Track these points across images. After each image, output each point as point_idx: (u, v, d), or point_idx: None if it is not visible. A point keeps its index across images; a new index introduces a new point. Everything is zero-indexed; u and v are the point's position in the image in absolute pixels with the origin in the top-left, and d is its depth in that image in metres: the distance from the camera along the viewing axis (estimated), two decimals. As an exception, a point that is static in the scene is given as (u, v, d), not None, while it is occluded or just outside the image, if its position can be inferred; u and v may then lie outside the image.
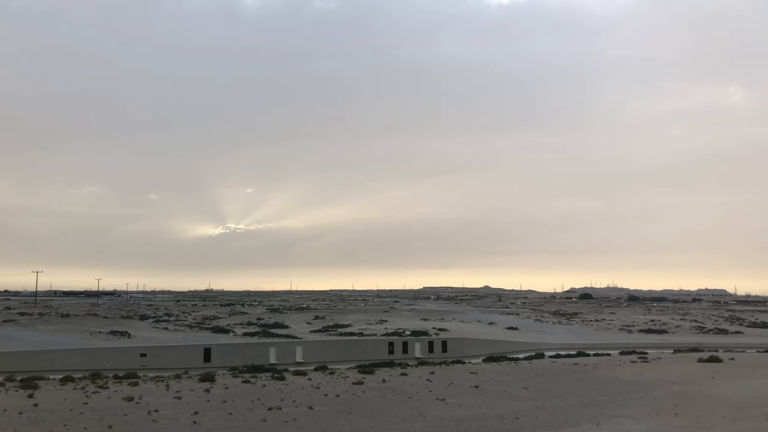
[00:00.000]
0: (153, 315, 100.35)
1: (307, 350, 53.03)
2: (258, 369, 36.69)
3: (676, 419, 22.05)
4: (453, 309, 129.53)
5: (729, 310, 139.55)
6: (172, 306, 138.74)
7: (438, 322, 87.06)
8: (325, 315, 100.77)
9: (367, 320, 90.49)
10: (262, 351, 51.30)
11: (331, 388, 28.49)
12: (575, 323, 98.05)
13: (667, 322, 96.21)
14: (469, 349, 58.51)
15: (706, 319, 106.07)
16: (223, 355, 49.85)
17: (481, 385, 30.24)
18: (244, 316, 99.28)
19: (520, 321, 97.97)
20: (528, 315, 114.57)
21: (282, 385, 29.36)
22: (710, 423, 21.06)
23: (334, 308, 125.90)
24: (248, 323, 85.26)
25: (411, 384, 30.40)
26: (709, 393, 27.87)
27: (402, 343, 57.89)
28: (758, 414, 22.44)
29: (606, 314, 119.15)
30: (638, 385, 30.58)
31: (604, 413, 23.38)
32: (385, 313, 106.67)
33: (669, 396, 27.26)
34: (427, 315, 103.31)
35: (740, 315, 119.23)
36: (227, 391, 27.28)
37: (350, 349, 55.63)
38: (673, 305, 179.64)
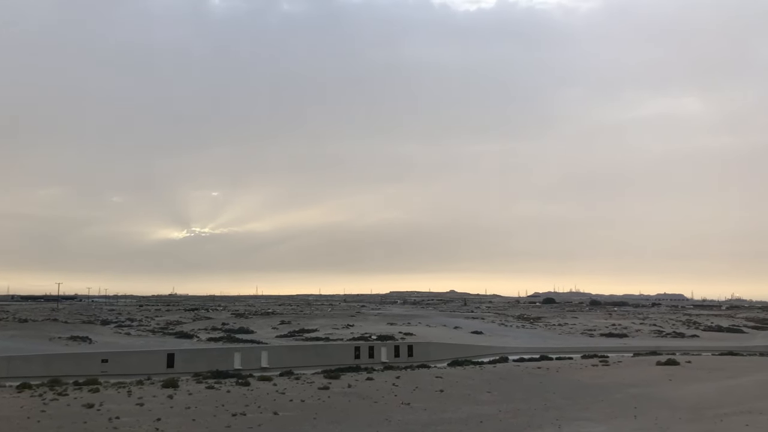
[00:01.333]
0: (115, 320, 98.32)
1: (273, 355, 52.63)
2: (222, 375, 36.29)
3: (635, 421, 22.59)
4: (419, 313, 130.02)
5: (686, 315, 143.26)
6: (135, 311, 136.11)
7: (404, 327, 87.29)
8: (291, 320, 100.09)
9: (333, 325, 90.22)
10: (227, 356, 50.74)
11: (297, 394, 28.37)
12: (539, 327, 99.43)
13: (628, 326, 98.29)
14: (435, 353, 58.85)
15: (665, 323, 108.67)
16: (186, 360, 49.15)
17: (446, 389, 30.48)
18: (208, 321, 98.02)
19: (484, 325, 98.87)
20: (493, 319, 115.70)
21: (247, 391, 29.12)
22: (667, 425, 21.63)
23: (301, 313, 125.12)
24: (213, 328, 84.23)
25: (377, 388, 30.47)
26: (666, 395, 28.60)
27: (368, 347, 57.91)
28: (713, 416, 23.11)
29: (569, 318, 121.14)
30: (599, 388, 31.21)
31: (566, 416, 23.82)
32: (352, 318, 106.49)
33: (628, 398, 27.89)
34: (394, 319, 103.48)
35: (697, 319, 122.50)
36: (191, 397, 26.95)
37: (316, 354, 55.43)
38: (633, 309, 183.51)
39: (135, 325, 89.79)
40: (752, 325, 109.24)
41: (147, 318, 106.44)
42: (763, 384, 30.95)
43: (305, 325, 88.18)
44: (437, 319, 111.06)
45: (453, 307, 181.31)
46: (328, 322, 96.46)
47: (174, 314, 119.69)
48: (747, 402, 25.63)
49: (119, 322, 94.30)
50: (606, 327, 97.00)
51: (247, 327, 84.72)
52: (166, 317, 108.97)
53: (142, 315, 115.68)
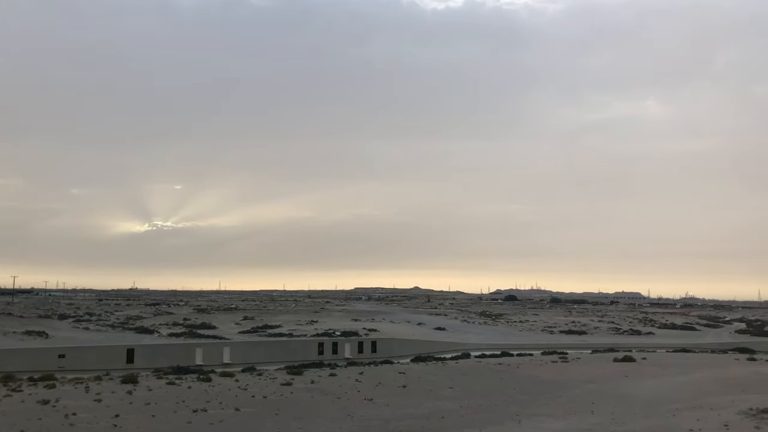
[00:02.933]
0: (73, 314, 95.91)
1: (235, 351, 52.19)
2: (183, 370, 35.87)
3: (592, 416, 23.15)
4: (383, 310, 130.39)
5: (643, 313, 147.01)
6: (94, 305, 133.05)
7: (368, 323, 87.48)
8: (255, 315, 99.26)
9: (297, 321, 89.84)
10: (188, 352, 50.14)
11: (259, 390, 28.25)
12: (500, 324, 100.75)
13: (587, 324, 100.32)
14: (398, 350, 59.17)
15: (622, 321, 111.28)
16: (147, 356, 48.39)
17: (408, 385, 30.72)
18: (169, 317, 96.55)
19: (447, 322, 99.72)
20: (455, 316, 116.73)
21: (208, 387, 28.87)
22: (623, 419, 22.23)
23: (264, 309, 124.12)
24: (174, 323, 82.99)
25: (340, 384, 30.54)
26: (622, 391, 29.38)
27: (332, 343, 57.88)
28: (666, 410, 23.84)
29: (529, 315, 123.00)
30: (558, 384, 31.85)
31: (526, 412, 24.29)
32: (316, 314, 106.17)
33: (586, 394, 28.56)
34: (358, 315, 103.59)
35: (652, 317, 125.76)
36: (151, 393, 26.60)
37: (279, 349, 55.16)
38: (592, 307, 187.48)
39: (94, 319, 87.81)
40: (704, 323, 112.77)
41: (106, 312, 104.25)
42: (713, 380, 32.02)
43: (269, 321, 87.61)
44: (401, 315, 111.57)
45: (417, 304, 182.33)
46: (292, 318, 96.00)
47: (134, 309, 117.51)
48: (698, 397, 26.50)
49: (77, 316, 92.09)
50: (566, 324, 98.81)
51: (209, 322, 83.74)
52: (126, 312, 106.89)
53: (101, 309, 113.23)
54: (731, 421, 20.78)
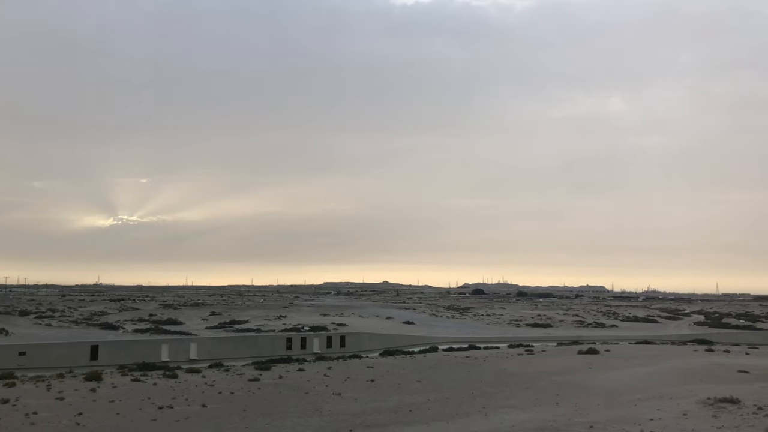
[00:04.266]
0: (35, 311, 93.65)
1: (202, 347, 51.67)
2: (149, 367, 35.38)
3: (557, 408, 23.56)
4: (352, 304, 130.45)
5: (606, 306, 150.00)
6: (57, 301, 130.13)
7: (337, 317, 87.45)
8: (222, 311, 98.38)
9: (265, 316, 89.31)
10: (154, 348, 49.47)
11: (226, 385, 28.05)
12: (468, 318, 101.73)
13: (552, 317, 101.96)
14: (367, 344, 59.34)
15: (586, 314, 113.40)
16: (111, 352, 47.60)
17: (376, 379, 30.84)
18: (135, 312, 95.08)
19: (416, 315, 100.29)
20: (424, 310, 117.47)
21: (174, 383, 28.55)
22: (586, 411, 22.69)
23: (232, 304, 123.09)
24: (140, 319, 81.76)
25: (308, 379, 30.51)
26: (586, 383, 29.93)
27: (300, 338, 57.74)
28: (628, 401, 24.41)
29: (496, 309, 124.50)
30: (524, 377, 32.31)
31: (492, 404, 24.60)
32: (285, 309, 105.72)
33: (551, 386, 29.02)
34: (327, 310, 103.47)
35: (616, 310, 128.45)
36: (115, 390, 26.19)
37: (247, 345, 54.81)
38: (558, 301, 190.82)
39: (57, 316, 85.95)
40: (665, 316, 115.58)
41: (70, 309, 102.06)
42: (673, 371, 32.85)
43: (236, 317, 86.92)
44: (370, 309, 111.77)
45: (386, 298, 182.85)
46: (260, 313, 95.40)
47: (99, 305, 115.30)
48: (659, 388, 27.18)
49: (39, 312, 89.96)
50: (532, 317, 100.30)
51: (175, 318, 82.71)
52: (90, 308, 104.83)
53: (64, 305, 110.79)
54: (690, 410, 21.39)
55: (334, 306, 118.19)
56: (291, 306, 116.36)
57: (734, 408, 21.00)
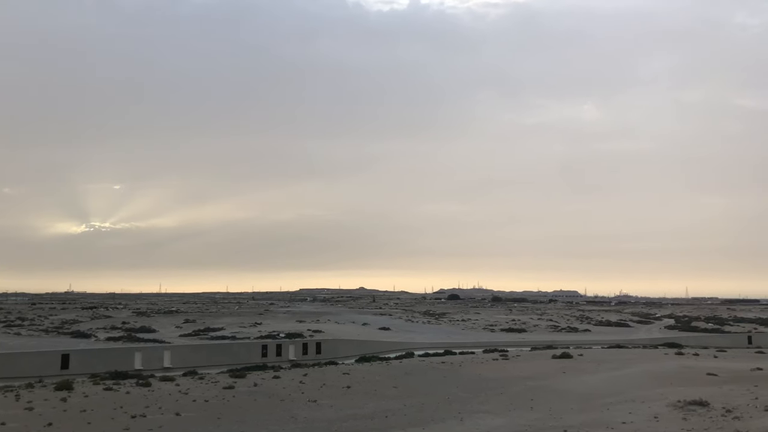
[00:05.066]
0: (3, 319, 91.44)
1: (176, 355, 51.03)
2: (122, 375, 34.84)
3: (531, 412, 23.83)
4: (328, 310, 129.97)
5: (580, 310, 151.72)
6: (27, 309, 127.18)
7: (313, 324, 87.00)
8: (196, 318, 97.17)
9: (240, 323, 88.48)
10: (127, 356, 48.68)
11: (200, 393, 27.79)
12: (443, 323, 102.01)
13: (526, 322, 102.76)
14: (343, 350, 59.14)
15: (560, 319, 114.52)
16: (83, 361, 46.70)
17: (352, 386, 30.83)
18: (107, 320, 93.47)
19: (392, 321, 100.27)
20: (400, 315, 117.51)
21: (147, 392, 28.20)
22: (560, 414, 22.99)
23: (206, 311, 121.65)
24: (112, 327, 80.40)
25: (283, 386, 30.37)
26: (560, 387, 30.31)
27: (276, 345, 57.32)
28: (600, 404, 24.80)
29: (472, 314, 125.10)
30: (499, 382, 32.59)
31: (468, 409, 24.77)
32: (260, 316, 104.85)
33: (526, 391, 29.32)
34: (303, 317, 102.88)
35: (589, 314, 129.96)
36: (86, 400, 25.78)
37: (222, 352, 54.24)
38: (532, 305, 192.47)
39: (26, 324, 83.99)
40: (637, 320, 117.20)
41: (40, 317, 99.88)
42: (644, 374, 33.45)
43: (211, 324, 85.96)
44: (346, 316, 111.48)
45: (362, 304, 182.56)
46: (235, 320, 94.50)
47: (70, 313, 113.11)
48: (630, 391, 27.66)
49: (8, 321, 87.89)
50: (506, 322, 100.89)
51: (149, 326, 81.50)
52: (61, 316, 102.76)
53: (34, 314, 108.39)
54: (661, 413, 21.81)
55: (310, 312, 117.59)
56: (266, 313, 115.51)
57: (703, 410, 21.46)
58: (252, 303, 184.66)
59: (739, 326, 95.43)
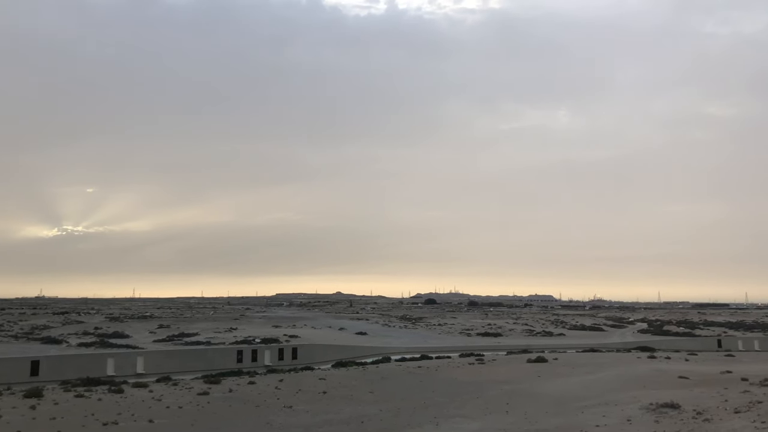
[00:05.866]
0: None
1: (149, 360, 50.35)
2: (94, 382, 34.26)
3: (507, 416, 23.96)
4: (305, 315, 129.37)
5: (554, 315, 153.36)
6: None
7: (289, 329, 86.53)
8: (171, 324, 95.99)
9: (215, 328, 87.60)
10: (99, 362, 47.90)
11: (174, 400, 27.44)
12: (420, 327, 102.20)
13: (502, 326, 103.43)
14: (319, 355, 58.91)
15: (535, 323, 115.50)
16: (53, 367, 45.82)
17: (329, 391, 30.71)
18: (79, 326, 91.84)
19: (369, 326, 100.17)
20: (377, 320, 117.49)
21: (120, 398, 27.76)
22: (535, 418, 23.15)
23: (181, 317, 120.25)
24: (84, 333, 79.03)
25: (259, 392, 30.13)
26: (535, 391, 30.53)
27: (251, 351, 56.88)
28: (575, 408, 25.02)
29: (448, 318, 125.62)
30: (475, 386, 32.71)
31: (444, 414, 24.82)
32: (236, 321, 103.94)
33: (501, 395, 29.48)
34: (279, 322, 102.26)
35: (563, 319, 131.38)
36: (57, 407, 25.27)
37: (196, 358, 53.66)
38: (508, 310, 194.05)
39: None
40: (610, 324, 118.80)
41: (9, 323, 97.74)
42: (617, 378, 33.83)
43: (185, 329, 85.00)
44: (323, 320, 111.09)
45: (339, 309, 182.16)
46: (210, 325, 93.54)
47: (41, 318, 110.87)
48: (604, 394, 27.96)
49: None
50: (482, 327, 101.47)
51: (122, 331, 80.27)
52: (31, 321, 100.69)
53: (3, 319, 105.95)
54: (634, 415, 22.07)
55: (286, 317, 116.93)
56: (242, 318, 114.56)
57: (675, 413, 21.77)
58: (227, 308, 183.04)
59: (710, 330, 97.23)
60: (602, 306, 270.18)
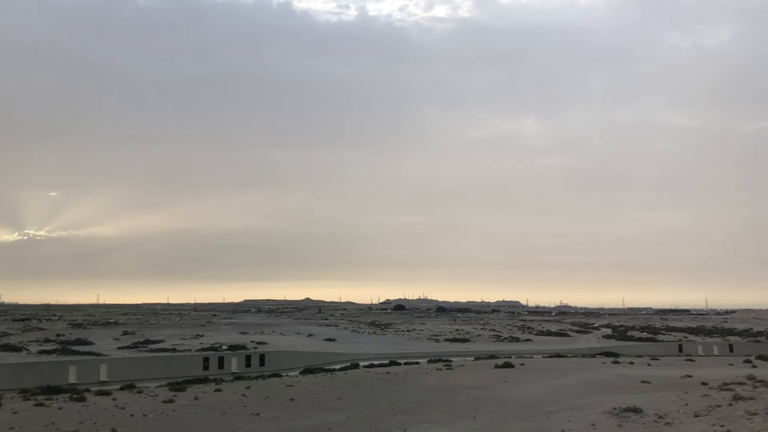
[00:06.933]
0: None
1: (113, 368, 49.36)
2: (55, 390, 33.46)
3: (474, 422, 24.15)
4: (273, 322, 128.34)
5: (521, 320, 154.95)
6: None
7: (257, 336, 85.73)
8: (136, 330, 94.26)
9: (182, 335, 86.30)
10: (61, 370, 46.76)
11: (138, 408, 26.98)
12: (389, 333, 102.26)
13: (470, 332, 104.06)
14: (287, 362, 58.48)
15: (503, 328, 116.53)
16: (12, 376, 44.55)
17: (296, 398, 30.54)
18: (40, 332, 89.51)
19: (338, 332, 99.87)
20: (346, 326, 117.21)
21: (82, 407, 27.18)
22: (502, 424, 23.38)
23: (146, 323, 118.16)
24: (46, 340, 77.04)
25: (225, 400, 29.81)
26: (502, 396, 30.81)
27: (218, 357, 56.18)
28: (541, 413, 25.33)
29: (417, 324, 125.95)
30: (443, 391, 32.88)
31: (412, 419, 24.91)
32: (202, 328, 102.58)
33: (469, 400, 29.69)
34: (247, 328, 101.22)
35: (530, 324, 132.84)
36: (15, 417, 24.62)
37: (162, 365, 52.79)
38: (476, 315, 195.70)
39: (-51, 338, 79.64)
40: (576, 329, 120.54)
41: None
42: (582, 383, 34.34)
43: (151, 336, 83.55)
44: (291, 327, 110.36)
45: (308, 315, 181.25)
46: (176, 332, 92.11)
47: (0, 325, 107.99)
48: (569, 399, 28.35)
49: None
50: (451, 332, 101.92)
51: (85, 338, 78.50)
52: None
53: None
54: (598, 420, 22.45)
55: (254, 324, 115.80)
56: (209, 324, 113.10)
57: (637, 417, 22.21)
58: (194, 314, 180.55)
59: (671, 335, 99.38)
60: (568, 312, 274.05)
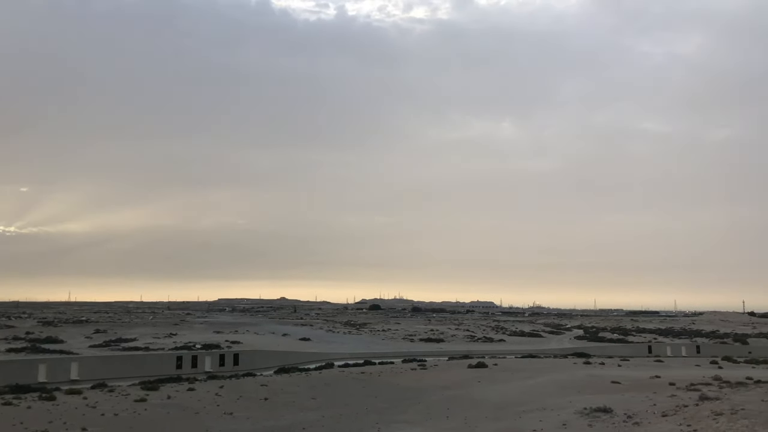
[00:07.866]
0: None
1: (84, 366, 48.66)
2: (23, 389, 32.92)
3: (447, 421, 24.38)
4: (248, 321, 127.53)
5: (495, 321, 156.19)
6: None
7: (231, 335, 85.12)
8: (108, 328, 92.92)
9: (155, 334, 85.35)
10: (30, 369, 45.96)
11: (110, 407, 26.69)
12: (364, 333, 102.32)
13: (444, 332, 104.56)
14: (262, 362, 58.22)
15: (477, 329, 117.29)
16: (-22, 375, 43.72)
17: (270, 397, 30.49)
18: (9, 330, 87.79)
19: (313, 332, 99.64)
20: (321, 326, 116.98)
21: (51, 406, 26.80)
22: (475, 423, 23.64)
23: (119, 321, 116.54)
24: (15, 338, 75.56)
25: (198, 399, 29.64)
26: (475, 396, 31.12)
27: (191, 357, 55.72)
28: (513, 413, 25.66)
29: (392, 324, 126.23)
30: (417, 391, 33.11)
31: (386, 419, 25.05)
32: (176, 326, 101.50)
33: (443, 400, 29.94)
34: (221, 327, 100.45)
35: (504, 325, 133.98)
36: (-17, 416, 24.22)
37: (134, 364, 52.20)
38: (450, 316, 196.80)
39: None
40: (549, 330, 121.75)
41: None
42: (554, 383, 34.83)
43: (123, 334, 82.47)
44: (266, 326, 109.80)
45: (283, 314, 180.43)
46: (148, 330, 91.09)
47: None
48: (542, 399, 28.75)
49: None
50: (425, 332, 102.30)
51: (55, 336, 77.18)
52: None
53: None
54: (569, 420, 22.83)
55: (229, 323, 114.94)
56: (182, 323, 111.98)
57: (607, 417, 22.64)
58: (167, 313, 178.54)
59: (641, 336, 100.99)
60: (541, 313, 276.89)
